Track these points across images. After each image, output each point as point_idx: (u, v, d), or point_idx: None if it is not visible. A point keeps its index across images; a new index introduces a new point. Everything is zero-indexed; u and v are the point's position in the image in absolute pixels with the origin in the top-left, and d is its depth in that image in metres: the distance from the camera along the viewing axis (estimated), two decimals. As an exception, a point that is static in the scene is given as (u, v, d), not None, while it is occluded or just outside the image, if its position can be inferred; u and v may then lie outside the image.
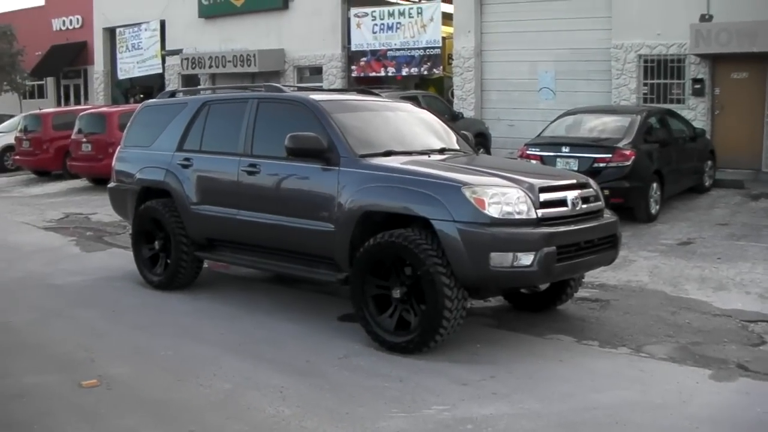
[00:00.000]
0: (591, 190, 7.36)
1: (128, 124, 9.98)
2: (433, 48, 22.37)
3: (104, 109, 20.93)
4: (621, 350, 7.01)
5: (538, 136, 14.25)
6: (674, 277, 9.68)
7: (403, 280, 6.74)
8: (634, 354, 6.90)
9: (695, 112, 17.92)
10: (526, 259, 6.38)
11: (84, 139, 19.21)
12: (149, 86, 30.44)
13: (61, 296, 8.81)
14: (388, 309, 6.87)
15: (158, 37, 28.75)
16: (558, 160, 12.80)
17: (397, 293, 6.73)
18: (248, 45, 25.61)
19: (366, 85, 21.48)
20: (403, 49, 22.88)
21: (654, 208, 13.11)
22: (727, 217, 13.64)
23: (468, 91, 21.82)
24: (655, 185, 13.10)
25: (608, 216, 7.51)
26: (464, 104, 21.42)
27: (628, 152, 12.60)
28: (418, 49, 22.61)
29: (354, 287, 6.96)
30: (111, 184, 9.99)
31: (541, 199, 6.66)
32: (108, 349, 6.88)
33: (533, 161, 12.75)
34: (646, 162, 12.96)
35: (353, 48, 23.94)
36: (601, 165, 12.45)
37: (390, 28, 23.00)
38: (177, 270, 8.78)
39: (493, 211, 6.39)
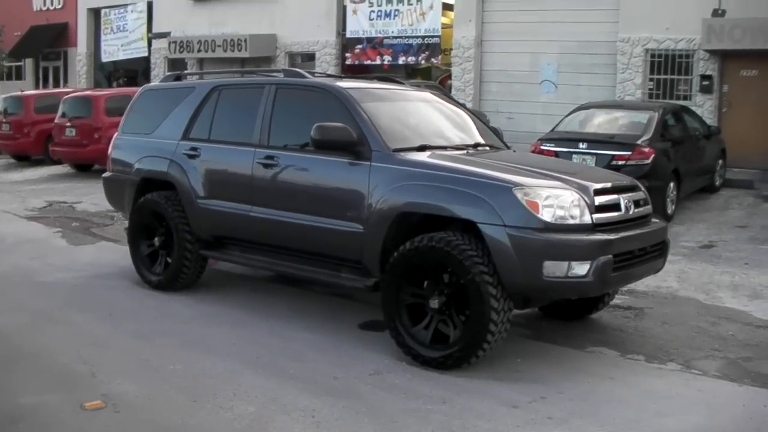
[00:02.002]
0: (641, 193, 6.76)
1: (127, 109, 9.23)
2: (432, 37, 21.72)
3: (89, 92, 20.12)
4: (670, 366, 6.46)
5: (552, 130, 13.69)
6: (704, 283, 9.21)
7: (442, 288, 6.10)
8: (685, 371, 6.35)
9: (702, 110, 17.41)
10: (581, 268, 5.77)
11: (68, 124, 18.41)
12: (133, 70, 29.61)
13: (52, 296, 8.07)
14: (423, 320, 6.22)
15: (145, 19, 27.93)
16: (574, 156, 12.22)
17: (435, 303, 6.07)
18: (239, 29, 24.88)
19: (353, 73, 20.88)
20: (401, 37, 22.20)
21: (670, 209, 12.60)
22: (744, 219, 13.21)
23: (467, 81, 21.22)
24: (672, 184, 12.60)
25: (657, 221, 6.91)
26: (463, 95, 20.78)
27: (647, 150, 12.06)
28: (417, 37, 21.96)
29: (386, 295, 6.30)
30: (106, 174, 9.21)
31: (596, 203, 6.03)
32: (110, 361, 6.15)
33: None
34: (665, 160, 12.43)
35: (348, 35, 23.26)
36: (620, 163, 11.88)
37: (387, 15, 22.33)
38: (179, 269, 8.07)
39: (546, 215, 5.77)
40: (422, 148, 6.78)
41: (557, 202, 5.85)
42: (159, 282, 8.25)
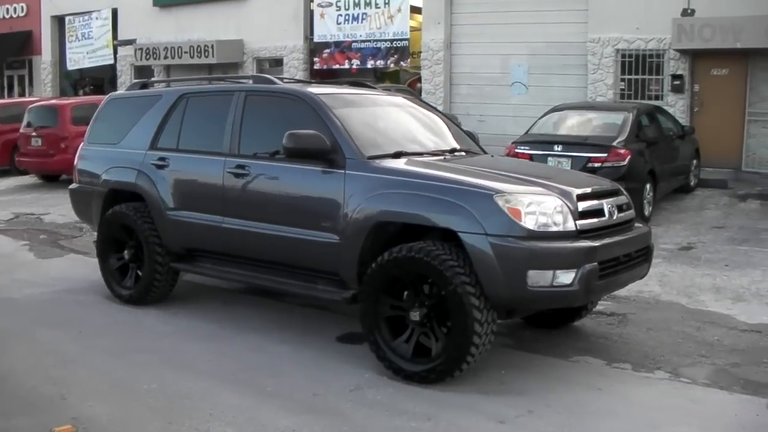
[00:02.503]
0: (623, 197, 6.61)
1: (93, 118, 8.95)
2: (401, 40, 21.51)
3: (55, 101, 19.71)
4: (658, 374, 6.31)
5: (527, 133, 13.54)
6: (686, 286, 9.09)
7: (423, 300, 5.90)
8: (674, 379, 6.21)
9: (674, 109, 17.33)
10: (566, 277, 5.59)
11: (34, 133, 18.00)
12: (100, 78, 29.17)
13: (20, 313, 7.77)
14: (404, 333, 6.02)
15: (110, 26, 27.44)
16: (549, 159, 12.08)
17: (415, 315, 5.87)
18: (205, 35, 24.55)
19: (322, 78, 20.64)
20: (369, 41, 21.99)
21: (647, 210, 12.50)
22: (720, 219, 13.15)
23: (437, 84, 21.05)
24: (648, 186, 12.50)
25: (640, 226, 6.77)
26: (433, 98, 20.58)
27: (623, 151, 11.96)
28: (385, 41, 21.74)
29: (365, 308, 6.10)
30: (73, 186, 8.93)
31: (580, 209, 5.87)
32: (80, 382, 5.88)
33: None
34: (641, 162, 12.33)
35: (316, 39, 22.97)
36: (596, 165, 11.76)
37: (355, 18, 22.09)
38: (151, 283, 7.81)
39: (529, 222, 5.59)
40: (398, 155, 6.58)
41: (540, 208, 5.67)
42: (130, 296, 7.99)
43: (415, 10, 21.66)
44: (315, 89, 7.15)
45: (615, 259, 6.02)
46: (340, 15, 22.35)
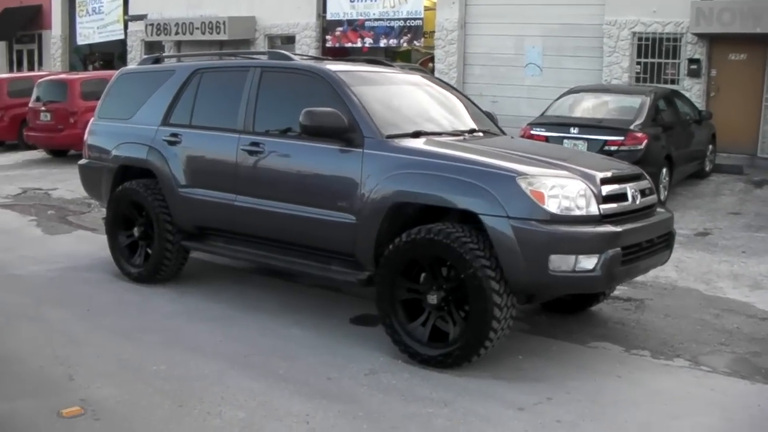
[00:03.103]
0: (646, 181, 6.45)
1: (103, 93, 8.79)
2: (414, 19, 21.26)
3: (65, 75, 19.56)
4: (678, 362, 6.18)
5: (542, 115, 13.35)
6: (703, 272, 8.96)
7: (441, 283, 5.75)
8: (694, 367, 6.08)
9: (690, 94, 17.06)
10: (589, 262, 5.44)
11: (43, 108, 17.86)
12: (110, 53, 28.97)
13: (26, 291, 7.63)
14: (420, 316, 5.88)
15: (121, 1, 27.15)
16: (565, 141, 11.91)
17: (433, 299, 5.73)
18: (217, 11, 24.29)
19: (334, 56, 20.39)
20: (382, 20, 21.73)
21: (663, 195, 12.31)
22: (736, 205, 12.98)
23: (450, 64, 20.81)
24: (665, 170, 12.34)
25: (662, 211, 6.61)
26: (446, 78, 20.23)
27: (640, 135, 11.79)
28: (398, 19, 21.48)
29: (381, 291, 5.95)
30: (82, 161, 8.78)
31: (603, 193, 5.71)
32: (88, 362, 5.74)
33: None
34: (658, 146, 12.15)
35: (329, 17, 22.72)
36: (613, 148, 11.58)
37: (369, -4, 21.84)
38: (161, 261, 7.68)
39: (552, 205, 5.44)
40: (417, 135, 6.42)
41: (563, 192, 5.51)
42: (139, 274, 7.86)
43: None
44: (332, 66, 6.97)
45: (638, 244, 5.86)
46: (354, -7, 22.10)
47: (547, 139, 11.94)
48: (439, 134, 6.66)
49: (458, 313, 5.71)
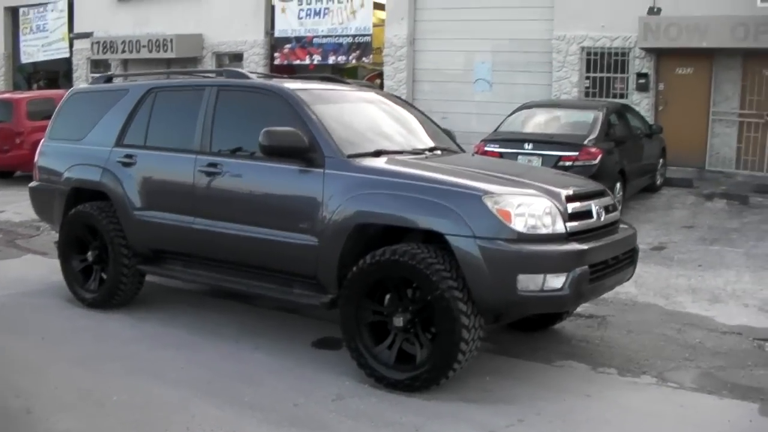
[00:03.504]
0: (609, 198, 6.45)
1: (54, 113, 8.58)
2: (363, 36, 21.25)
3: (9, 95, 19.12)
4: (645, 379, 6.18)
5: (496, 131, 13.35)
6: (662, 287, 8.99)
7: (407, 305, 5.66)
8: (661, 384, 6.08)
9: (639, 108, 17.26)
10: (557, 281, 5.39)
11: (-13, 128, 17.43)
12: (55, 71, 28.48)
13: (-24, 319, 7.39)
14: (386, 339, 5.78)
15: (65, 19, 26.77)
16: (520, 157, 11.92)
17: (399, 321, 5.63)
18: (165, 29, 24.05)
19: (281, 73, 20.27)
20: (331, 36, 21.69)
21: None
22: (689, 219, 13.10)
23: (399, 81, 20.83)
24: (618, 185, 12.39)
25: (626, 227, 6.61)
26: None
27: (594, 150, 11.84)
28: (347, 36, 21.46)
29: (345, 313, 5.84)
30: (33, 184, 8.54)
31: (569, 210, 5.67)
32: (46, 393, 5.53)
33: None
34: (611, 161, 12.22)
35: (277, 34, 22.62)
36: (567, 164, 11.60)
37: (317, 13, 21.77)
38: (116, 286, 7.48)
39: (518, 224, 5.38)
40: (378, 154, 6.34)
41: (529, 210, 5.47)
42: (94, 300, 7.65)
43: (377, 6, 21.40)
44: (291, 84, 6.87)
45: (604, 261, 5.84)
46: (302, 10, 22.02)
47: (501, 155, 11.93)
48: (400, 152, 6.59)
49: (425, 335, 5.63)
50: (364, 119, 7.04)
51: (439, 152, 7.01)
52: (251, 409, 5.31)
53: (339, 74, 21.50)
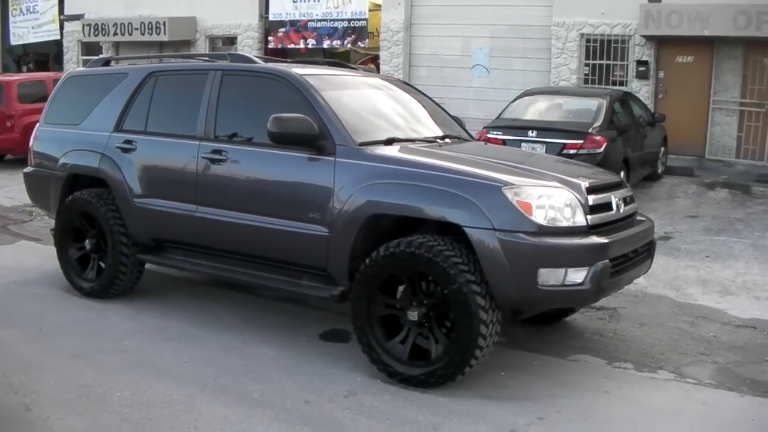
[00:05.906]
0: (627, 189, 6.25)
1: (50, 96, 8.33)
2: (359, 20, 20.97)
3: (0, 77, 18.79)
4: (662, 374, 6.00)
5: (498, 117, 13.14)
6: (671, 279, 8.83)
7: (421, 299, 5.45)
8: (679, 379, 5.91)
9: (639, 96, 17.10)
10: (578, 275, 5.19)
11: (-23, 112, 17.11)
12: (45, 53, 28.09)
13: (-32, 310, 7.13)
14: (399, 333, 5.57)
15: (56, 1, 26.39)
16: (523, 144, 11.72)
17: (413, 315, 5.42)
18: (157, 12, 23.71)
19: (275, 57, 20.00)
20: (326, 20, 21.40)
21: (621, 199, 12.19)
22: (693, 208, 12.97)
23: (395, 66, 20.58)
24: (622, 173, 12.18)
25: (643, 219, 6.41)
26: (392, 81, 20.10)
27: (599, 138, 11.65)
28: (342, 20, 21.17)
29: (357, 307, 5.63)
30: (28, 169, 8.28)
31: (590, 202, 5.47)
32: (45, 389, 5.28)
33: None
34: (616, 149, 12.04)
35: (271, 18, 22.32)
36: (572, 151, 11.42)
37: (312, -4, 21.48)
38: (115, 276, 7.25)
39: (539, 217, 5.17)
40: (390, 142, 6.10)
41: (550, 202, 5.26)
42: (91, 289, 7.42)
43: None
44: (300, 69, 6.61)
45: (624, 255, 5.64)
46: (297, -7, 21.72)
47: (504, 142, 11.74)
48: (413, 141, 6.37)
49: (440, 330, 5.43)
50: (374, 106, 6.80)
51: (450, 141, 6.79)
52: (261, 407, 5.09)
53: (333, 58, 21.32)
